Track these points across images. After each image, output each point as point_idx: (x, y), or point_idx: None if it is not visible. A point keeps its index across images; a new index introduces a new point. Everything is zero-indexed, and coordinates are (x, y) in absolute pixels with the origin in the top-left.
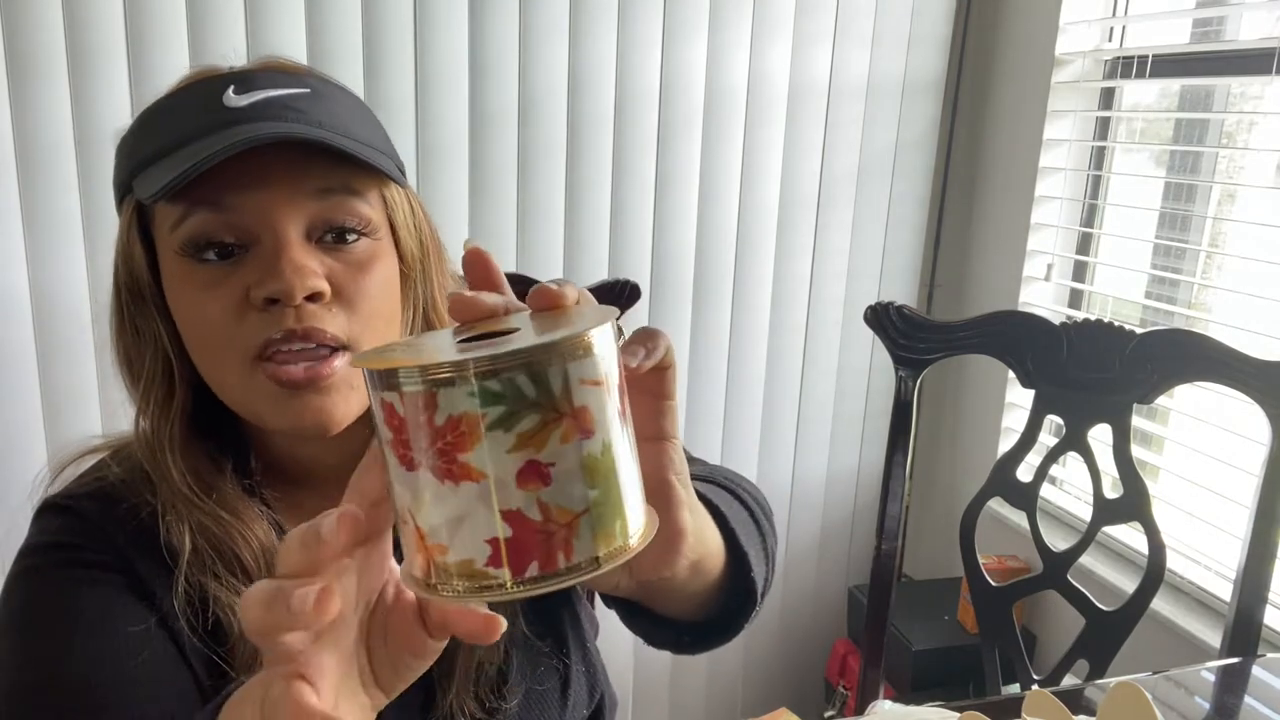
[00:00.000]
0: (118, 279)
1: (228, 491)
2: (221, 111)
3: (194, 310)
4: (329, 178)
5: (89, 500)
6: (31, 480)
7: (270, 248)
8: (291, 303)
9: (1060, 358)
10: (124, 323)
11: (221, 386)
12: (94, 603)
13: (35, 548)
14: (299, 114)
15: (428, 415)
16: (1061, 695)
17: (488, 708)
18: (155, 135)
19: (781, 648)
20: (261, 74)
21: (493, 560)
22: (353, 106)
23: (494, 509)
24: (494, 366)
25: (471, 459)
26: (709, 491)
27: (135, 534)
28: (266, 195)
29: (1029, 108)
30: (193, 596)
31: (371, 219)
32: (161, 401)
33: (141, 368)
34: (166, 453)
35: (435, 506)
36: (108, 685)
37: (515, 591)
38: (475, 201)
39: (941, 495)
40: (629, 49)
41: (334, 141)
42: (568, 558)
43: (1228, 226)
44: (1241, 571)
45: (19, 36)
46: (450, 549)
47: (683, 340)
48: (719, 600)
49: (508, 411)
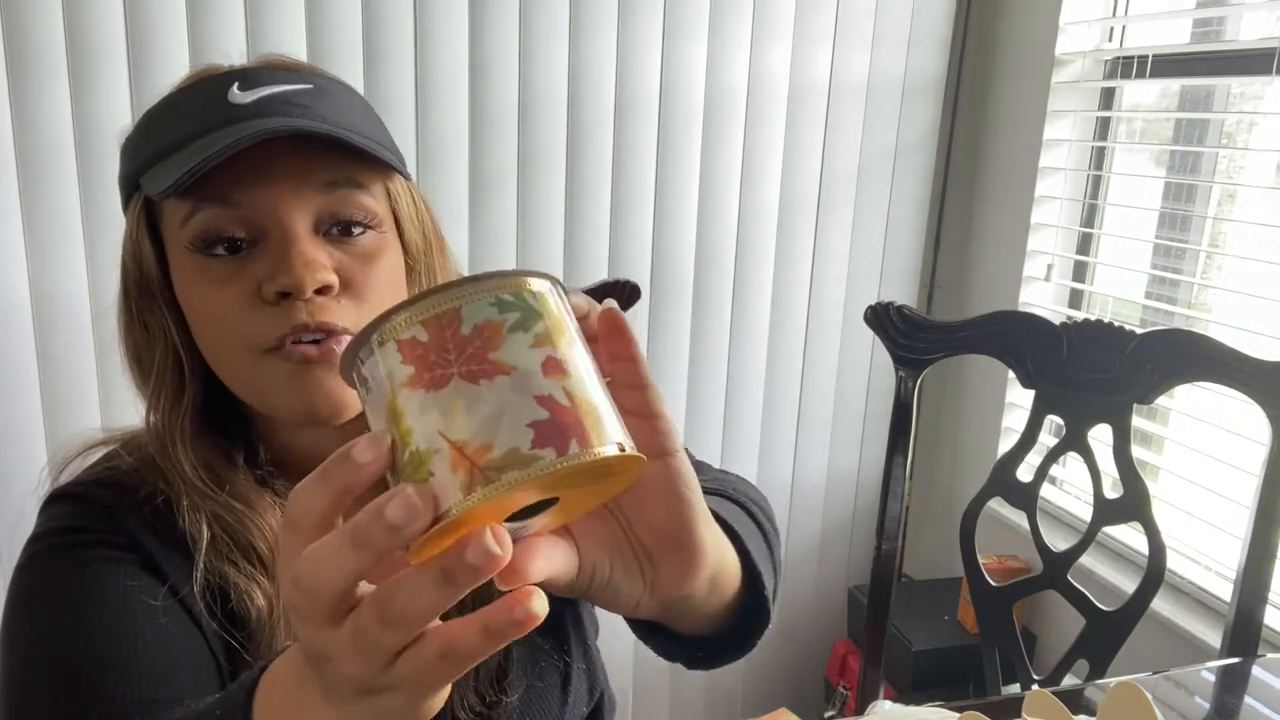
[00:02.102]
0: (126, 277)
1: (240, 483)
2: (227, 108)
3: (206, 305)
4: (334, 171)
5: (99, 487)
6: (32, 479)
7: (279, 241)
8: (302, 295)
9: (1060, 358)
10: (133, 320)
11: (233, 378)
12: (106, 579)
13: (45, 533)
14: (303, 109)
15: (453, 329)
16: (1061, 695)
17: (488, 702)
18: (161, 133)
19: (781, 648)
20: (264, 71)
21: (537, 441)
22: (355, 102)
23: (528, 395)
24: (505, 282)
25: (501, 355)
26: (721, 508)
27: (148, 518)
28: (273, 190)
29: (1029, 108)
30: (211, 582)
31: (376, 212)
32: (172, 397)
33: (151, 364)
34: (178, 446)
35: (472, 410)
36: (123, 659)
37: (561, 467)
38: (475, 201)
39: (941, 495)
40: (629, 49)
41: (340, 135)
42: (600, 440)
43: (1228, 226)
44: (1241, 571)
45: (19, 36)
46: (495, 443)
47: (682, 340)
48: (733, 616)
49: (522, 316)
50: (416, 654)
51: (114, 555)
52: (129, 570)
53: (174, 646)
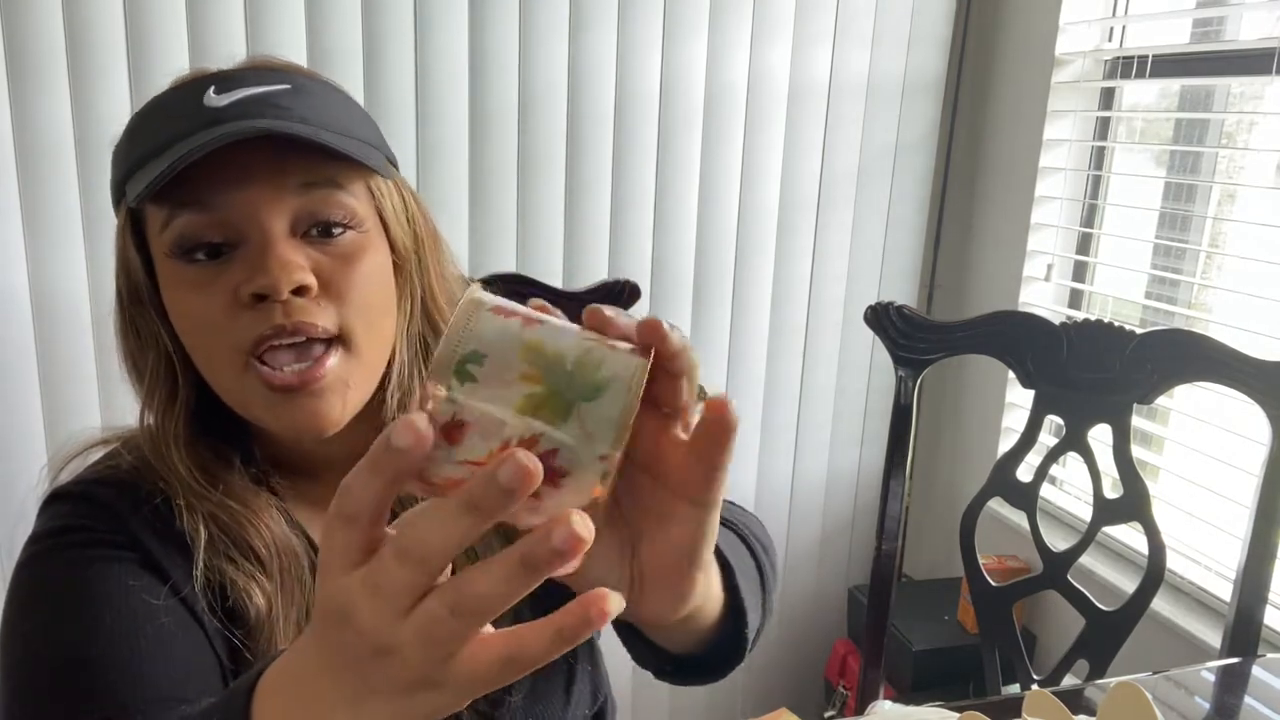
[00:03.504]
0: (118, 283)
1: (235, 483)
2: (202, 112)
3: (186, 310)
4: (311, 172)
5: (99, 486)
6: (31, 479)
7: (256, 245)
8: (278, 297)
9: (1060, 358)
10: (127, 325)
11: (218, 387)
12: (107, 578)
13: (45, 532)
14: (280, 110)
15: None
16: (1061, 695)
17: (491, 700)
18: (141, 139)
19: (781, 648)
20: (242, 73)
21: None
22: (337, 100)
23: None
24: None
25: None
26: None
27: (149, 518)
28: (250, 193)
29: (1029, 108)
30: (211, 580)
31: (357, 211)
32: (165, 400)
33: (145, 368)
34: (172, 450)
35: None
36: (123, 658)
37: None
38: (475, 201)
39: (941, 495)
40: (629, 49)
41: (311, 135)
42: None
43: (1228, 226)
44: (1241, 571)
45: (19, 36)
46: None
47: None
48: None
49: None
50: (476, 656)
51: (114, 554)
52: (130, 569)
53: (175, 645)
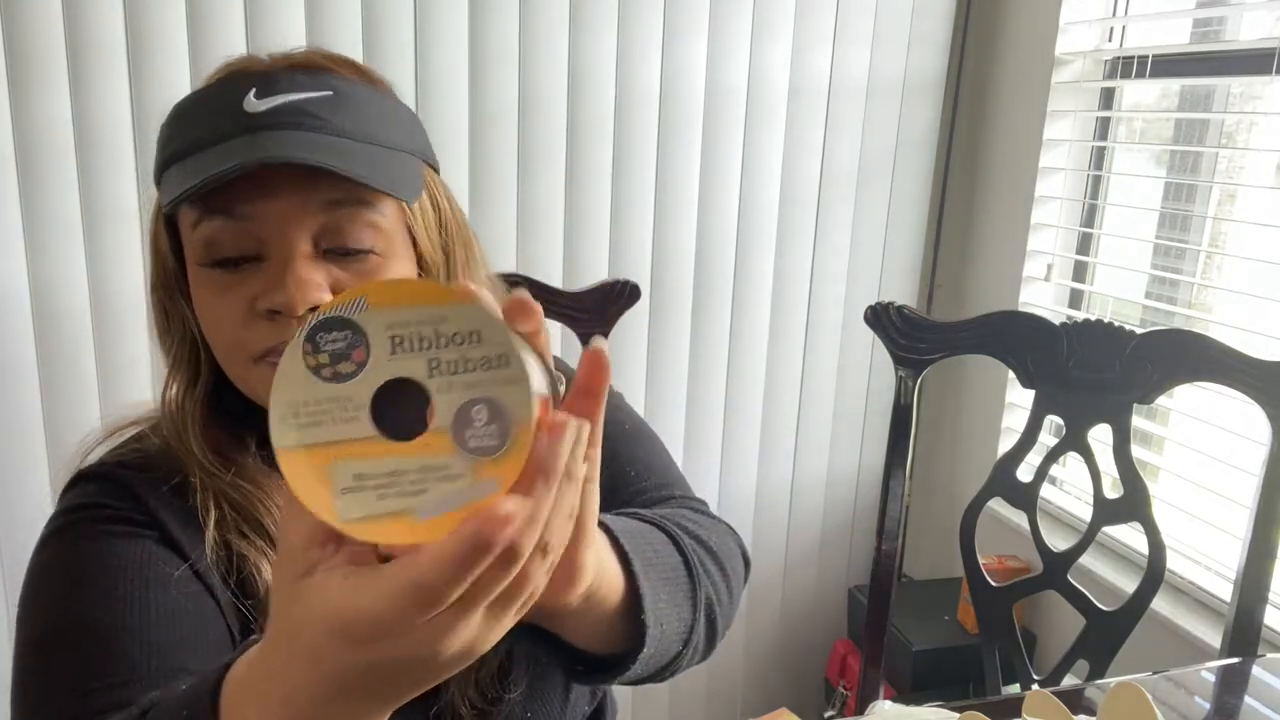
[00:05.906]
0: (151, 263)
1: (249, 465)
2: (240, 117)
3: (207, 311)
4: (339, 190)
5: (122, 467)
6: (32, 478)
7: (278, 259)
8: (294, 315)
9: (1060, 358)
10: (157, 305)
11: (230, 374)
12: (125, 552)
13: (67, 509)
14: (318, 122)
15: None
16: (1061, 695)
17: (490, 698)
18: (180, 132)
19: (781, 648)
20: (285, 75)
21: None
22: (380, 108)
23: None
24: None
25: None
26: (631, 530)
27: (167, 496)
28: (276, 207)
29: (1029, 108)
30: (222, 555)
31: (383, 229)
32: (187, 381)
33: (170, 348)
34: (188, 430)
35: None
36: (136, 625)
37: None
38: (475, 201)
39: (941, 495)
40: (629, 49)
41: (337, 168)
42: None
43: (1228, 226)
44: (1241, 571)
45: (19, 36)
46: None
47: (682, 340)
48: (618, 634)
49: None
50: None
51: (133, 531)
52: (148, 545)
53: (189, 616)
